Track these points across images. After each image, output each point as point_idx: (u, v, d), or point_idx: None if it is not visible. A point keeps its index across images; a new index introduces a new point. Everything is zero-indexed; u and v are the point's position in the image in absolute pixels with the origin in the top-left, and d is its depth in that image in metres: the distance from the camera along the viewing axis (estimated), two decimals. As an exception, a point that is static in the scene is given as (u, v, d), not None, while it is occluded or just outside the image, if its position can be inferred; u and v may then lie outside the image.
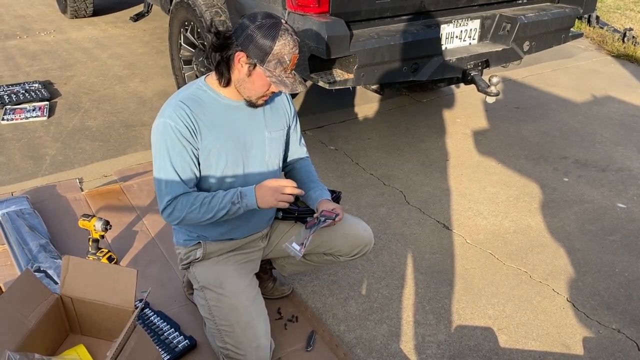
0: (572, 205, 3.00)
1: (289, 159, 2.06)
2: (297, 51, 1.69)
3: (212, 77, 1.80)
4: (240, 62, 1.69)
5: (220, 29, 1.77)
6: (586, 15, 6.52)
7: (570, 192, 3.13)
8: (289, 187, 1.72)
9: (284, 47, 1.65)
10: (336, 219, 1.83)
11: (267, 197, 1.72)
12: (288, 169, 2.08)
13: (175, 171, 1.72)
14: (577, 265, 2.54)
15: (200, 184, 1.81)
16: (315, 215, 1.85)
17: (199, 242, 1.91)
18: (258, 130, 1.84)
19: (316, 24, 2.51)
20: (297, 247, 1.75)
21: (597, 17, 6.51)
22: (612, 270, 2.51)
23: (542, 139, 3.75)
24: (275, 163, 1.92)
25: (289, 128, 1.98)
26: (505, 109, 4.23)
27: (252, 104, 1.79)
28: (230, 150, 1.78)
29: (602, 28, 6.27)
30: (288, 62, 1.67)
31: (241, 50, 1.67)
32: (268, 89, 1.73)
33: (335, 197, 2.01)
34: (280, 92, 1.92)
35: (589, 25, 6.37)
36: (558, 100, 4.41)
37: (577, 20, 6.46)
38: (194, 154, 1.74)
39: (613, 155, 3.54)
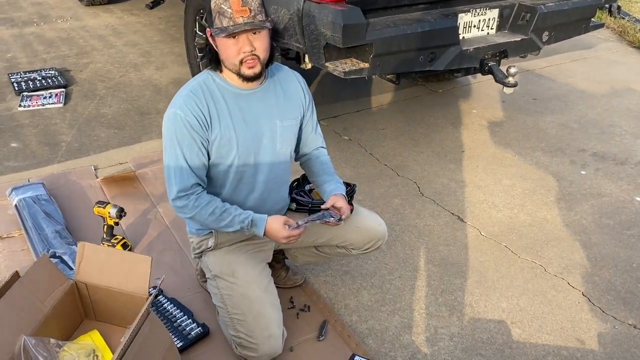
0: (589, 199, 2.96)
1: (305, 149, 2.04)
2: None
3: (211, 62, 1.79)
4: (211, 38, 1.70)
5: None
6: (607, 5, 6.39)
7: (587, 185, 3.09)
8: (296, 236, 1.77)
9: None
10: (338, 222, 1.82)
11: (276, 238, 1.78)
12: (303, 160, 2.06)
13: (186, 161, 1.72)
14: (593, 259, 2.51)
15: (211, 173, 1.82)
16: (322, 206, 1.84)
17: (211, 232, 1.92)
18: (269, 119, 1.83)
19: (332, 12, 2.48)
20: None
21: (619, 7, 6.38)
22: (630, 265, 2.48)
23: (559, 131, 3.69)
24: (287, 152, 1.91)
25: (303, 117, 1.96)
26: (523, 100, 4.17)
27: (242, 77, 1.73)
28: (241, 140, 1.78)
29: (623, 18, 6.14)
30: (229, 10, 1.61)
31: (208, 27, 1.68)
32: (238, 51, 1.66)
33: (350, 190, 2.00)
34: (293, 80, 1.90)
35: (610, 16, 6.24)
36: (577, 91, 4.34)
37: (598, 10, 6.35)
38: (203, 145, 1.74)
39: (632, 148, 3.48)
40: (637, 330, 2.13)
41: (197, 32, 3.67)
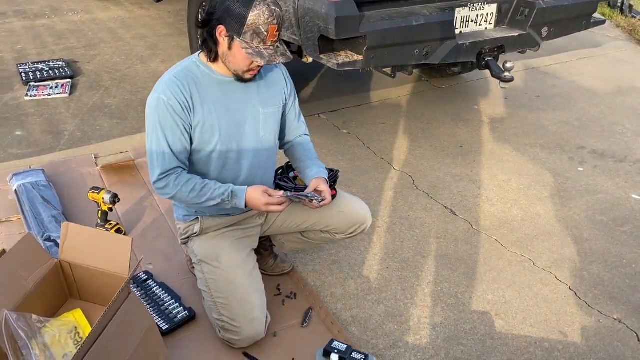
0: (585, 195, 2.95)
1: (288, 137, 2.07)
2: (274, 22, 1.67)
3: (205, 53, 1.82)
4: (222, 36, 1.71)
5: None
6: (619, 4, 6.33)
7: (583, 182, 3.08)
8: (275, 207, 1.78)
9: (259, 18, 1.65)
10: (320, 203, 1.84)
11: (256, 206, 1.79)
12: (287, 147, 2.09)
13: (168, 145, 1.76)
14: (583, 254, 2.50)
15: (193, 158, 1.85)
16: (305, 191, 1.87)
17: (197, 218, 1.95)
18: (251, 106, 1.86)
19: (326, 4, 2.50)
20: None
21: (631, 6, 6.31)
22: (620, 261, 2.47)
23: (560, 128, 3.68)
24: (271, 139, 1.94)
25: (285, 104, 1.99)
26: (526, 97, 4.16)
27: (240, 79, 1.80)
28: (223, 126, 1.81)
29: (634, 17, 6.08)
30: (265, 33, 1.67)
31: (221, 24, 1.69)
32: (252, 63, 1.73)
33: (333, 175, 2.02)
34: (274, 67, 1.94)
35: (622, 14, 6.18)
36: (581, 89, 4.31)
37: (609, 8, 6.29)
38: (186, 130, 1.77)
39: (633, 147, 3.46)
40: (621, 324, 2.13)
41: (198, 19, 3.71)
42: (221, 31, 1.71)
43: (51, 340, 1.53)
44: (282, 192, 1.81)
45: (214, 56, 1.78)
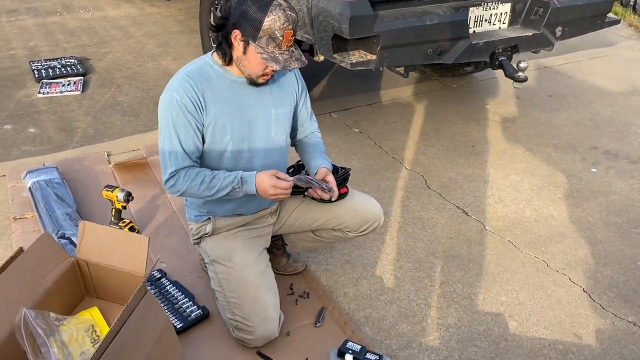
0: (598, 196, 2.93)
1: (300, 136, 2.08)
2: (290, 27, 1.67)
3: (219, 56, 1.82)
4: (237, 40, 1.71)
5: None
6: (631, 3, 6.28)
7: (597, 183, 3.06)
8: (282, 191, 1.76)
9: (275, 23, 1.65)
10: (328, 191, 1.84)
11: (265, 189, 1.77)
12: (298, 143, 2.11)
13: (180, 144, 1.76)
14: (597, 256, 2.49)
15: (205, 157, 1.85)
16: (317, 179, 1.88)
17: (209, 218, 1.96)
18: (264, 107, 1.86)
19: (340, 3, 2.50)
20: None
21: (643, 5, 6.25)
22: (634, 263, 2.45)
23: (572, 128, 3.66)
24: (282, 139, 1.95)
25: (297, 104, 1.99)
26: (538, 97, 4.14)
27: (253, 83, 1.80)
28: (236, 126, 1.81)
29: (647, 16, 6.02)
30: (280, 38, 1.67)
31: (236, 28, 1.69)
32: (266, 67, 1.73)
33: (344, 173, 2.02)
34: (287, 70, 1.93)
35: (634, 13, 6.13)
36: (594, 89, 4.28)
37: (622, 7, 6.24)
38: (198, 128, 1.77)
39: (646, 147, 3.43)
40: (636, 327, 2.11)
41: (212, 23, 3.71)
42: (236, 35, 1.71)
43: (69, 338, 1.54)
44: (291, 178, 1.80)
45: (228, 59, 1.78)
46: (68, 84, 4.02)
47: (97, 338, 1.62)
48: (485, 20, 3.02)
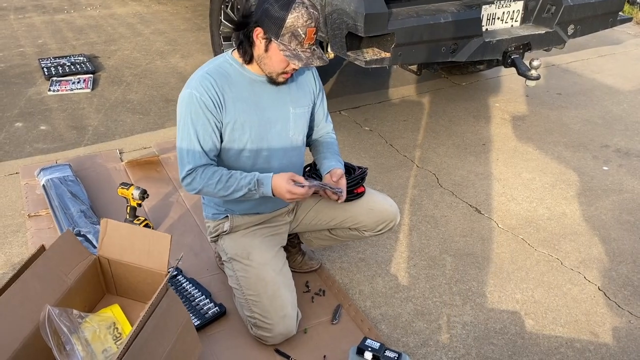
0: (610, 195, 2.93)
1: (315, 136, 2.09)
2: (312, 24, 1.67)
3: (239, 54, 1.81)
4: (258, 38, 1.71)
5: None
6: (638, 1, 6.26)
7: (609, 181, 3.06)
8: (299, 196, 1.75)
9: (297, 20, 1.65)
10: (339, 193, 1.85)
11: (281, 193, 1.76)
12: (312, 142, 2.11)
13: (198, 141, 1.76)
14: (611, 254, 2.49)
15: (223, 156, 1.85)
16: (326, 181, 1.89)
17: (227, 216, 1.96)
18: (283, 106, 1.86)
19: (355, 1, 2.50)
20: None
21: (650, 2, 6.24)
22: (648, 261, 2.46)
23: (583, 127, 3.65)
24: (300, 139, 1.95)
25: (314, 104, 2.00)
26: (547, 94, 4.13)
27: (273, 81, 1.80)
28: (254, 125, 1.81)
29: (655, 14, 6.01)
30: (303, 35, 1.67)
31: (258, 26, 1.69)
32: (287, 65, 1.73)
33: (361, 172, 2.02)
34: (306, 69, 1.93)
35: (641, 11, 6.11)
36: (603, 87, 4.27)
37: (629, 4, 6.22)
38: (216, 126, 1.77)
39: (657, 146, 3.43)
40: (652, 325, 2.12)
41: (223, 20, 3.72)
42: (258, 33, 1.71)
43: (91, 336, 1.55)
44: (307, 184, 1.78)
45: (249, 58, 1.78)
46: (78, 82, 4.02)
47: (119, 335, 1.63)
48: (498, 18, 3.02)
